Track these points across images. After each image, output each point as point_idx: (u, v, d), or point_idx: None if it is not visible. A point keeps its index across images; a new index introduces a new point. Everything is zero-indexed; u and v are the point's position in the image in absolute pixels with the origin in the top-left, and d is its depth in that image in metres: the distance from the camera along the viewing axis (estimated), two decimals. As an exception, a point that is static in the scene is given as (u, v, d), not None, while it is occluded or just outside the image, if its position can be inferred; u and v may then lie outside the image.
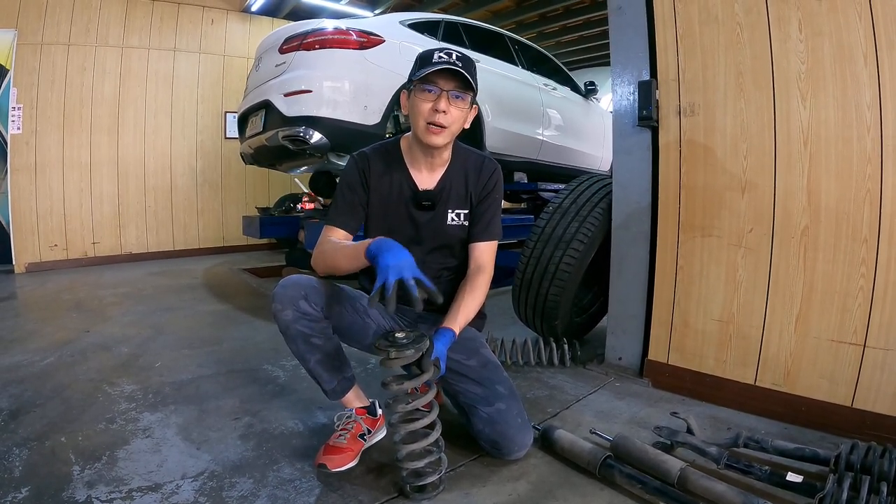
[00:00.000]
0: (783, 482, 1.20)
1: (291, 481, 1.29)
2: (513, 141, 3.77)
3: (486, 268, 1.45)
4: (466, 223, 1.47)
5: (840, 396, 1.52)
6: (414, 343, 1.14)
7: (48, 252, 4.70)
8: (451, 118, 1.33)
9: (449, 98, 1.32)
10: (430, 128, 1.33)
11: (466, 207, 1.47)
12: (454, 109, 1.33)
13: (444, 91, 1.31)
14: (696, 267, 1.80)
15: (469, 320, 1.36)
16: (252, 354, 2.29)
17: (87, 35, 4.79)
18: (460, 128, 1.38)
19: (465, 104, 1.35)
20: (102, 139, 4.97)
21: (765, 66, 1.61)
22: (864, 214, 1.46)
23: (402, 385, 1.17)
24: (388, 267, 1.11)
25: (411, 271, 1.12)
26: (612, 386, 1.93)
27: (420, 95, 1.33)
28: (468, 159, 1.49)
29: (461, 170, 1.47)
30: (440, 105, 1.31)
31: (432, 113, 1.31)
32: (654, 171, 1.90)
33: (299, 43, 2.99)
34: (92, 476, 1.29)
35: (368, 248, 1.18)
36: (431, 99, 1.32)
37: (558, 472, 1.33)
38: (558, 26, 6.87)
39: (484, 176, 1.47)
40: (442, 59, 1.29)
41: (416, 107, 1.34)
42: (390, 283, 1.08)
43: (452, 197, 1.46)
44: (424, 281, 1.12)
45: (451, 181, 1.46)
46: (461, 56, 1.32)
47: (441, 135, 1.34)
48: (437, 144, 1.36)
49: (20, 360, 2.16)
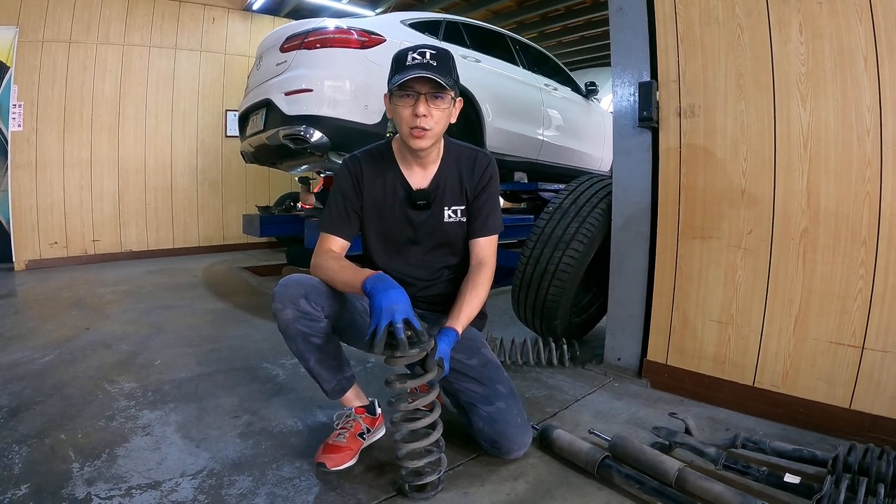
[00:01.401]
0: (781, 483, 1.20)
1: (290, 479, 1.29)
2: (513, 141, 3.77)
3: (487, 262, 1.44)
4: (464, 219, 1.46)
5: (838, 398, 1.52)
6: (419, 343, 1.14)
7: (48, 249, 4.71)
8: (433, 120, 1.31)
9: (428, 100, 1.29)
10: (413, 132, 1.31)
11: (463, 203, 1.46)
12: (435, 111, 1.31)
13: (422, 94, 1.29)
14: (695, 268, 1.80)
15: (472, 318, 1.36)
16: (252, 353, 2.29)
17: (89, 32, 4.80)
18: (445, 126, 1.37)
19: (446, 103, 1.32)
20: (103, 137, 4.97)
21: (765, 68, 1.61)
22: (863, 216, 1.46)
23: (406, 384, 1.18)
24: (380, 310, 1.12)
25: (403, 313, 1.12)
26: (611, 386, 1.93)
27: (399, 101, 1.31)
28: (461, 155, 1.47)
29: (454, 166, 1.46)
30: (419, 109, 1.29)
31: (413, 118, 1.30)
32: (654, 172, 1.90)
33: (300, 42, 3.00)
34: (91, 473, 1.29)
35: (365, 283, 1.19)
36: (410, 104, 1.30)
37: (557, 472, 1.33)
38: (559, 26, 6.87)
39: (478, 170, 1.46)
40: (415, 62, 1.27)
41: (397, 112, 1.33)
42: (381, 329, 1.10)
43: (447, 194, 1.45)
44: (414, 323, 1.13)
45: (444, 178, 1.45)
46: (435, 53, 1.29)
47: (425, 138, 1.32)
48: (422, 147, 1.35)
49: (20, 358, 2.17)
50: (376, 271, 1.24)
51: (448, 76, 1.29)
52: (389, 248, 1.47)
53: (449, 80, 1.29)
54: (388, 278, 1.20)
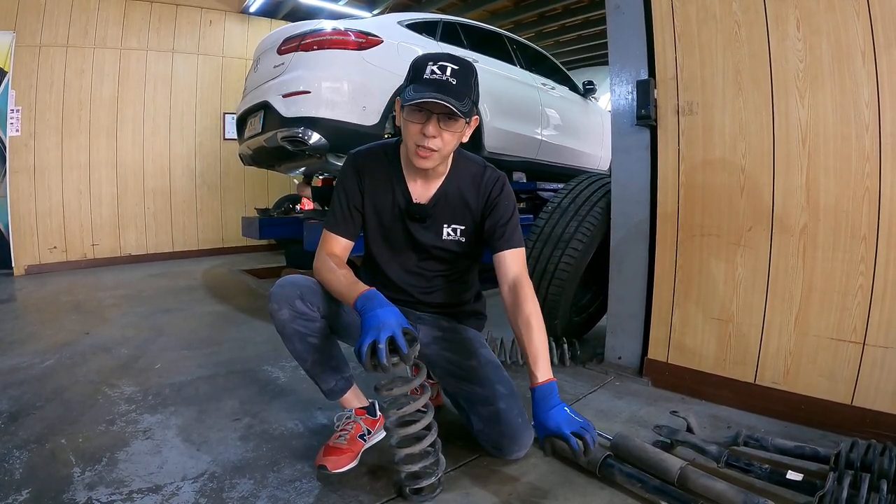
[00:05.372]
0: (783, 480, 1.20)
1: (292, 482, 1.29)
2: (511, 140, 3.77)
3: (522, 279, 1.33)
4: (463, 239, 1.41)
5: (840, 394, 1.52)
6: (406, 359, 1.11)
7: (47, 254, 4.70)
8: (442, 142, 1.22)
9: (440, 121, 1.20)
10: (419, 150, 1.23)
11: (464, 224, 1.40)
12: (446, 133, 1.22)
13: (435, 114, 1.20)
14: (695, 265, 1.80)
15: (547, 351, 1.27)
16: (252, 355, 2.29)
17: (86, 37, 4.79)
18: (455, 147, 1.29)
19: (459, 126, 1.23)
20: (101, 141, 4.97)
21: (763, 65, 1.61)
22: (862, 212, 1.46)
23: (393, 391, 1.18)
24: (367, 329, 1.10)
25: (389, 331, 1.09)
26: (612, 385, 1.93)
27: (409, 116, 1.22)
28: (468, 172, 1.39)
29: (459, 184, 1.38)
30: (429, 130, 1.20)
31: (421, 136, 1.21)
32: (653, 170, 1.90)
33: (298, 44, 2.99)
34: (92, 478, 1.29)
35: (357, 300, 1.17)
36: (420, 121, 1.21)
37: (558, 472, 1.33)
38: (557, 26, 6.87)
39: (484, 190, 1.38)
40: (434, 77, 1.18)
41: (405, 126, 1.24)
42: (364, 349, 1.08)
43: (447, 212, 1.38)
44: (399, 343, 1.09)
45: (446, 195, 1.38)
46: (457, 69, 1.19)
47: (430, 158, 1.24)
48: (425, 167, 1.27)
49: (20, 363, 2.16)
50: (369, 287, 1.21)
51: (466, 97, 1.20)
52: (389, 248, 1.46)
53: (466, 105, 1.20)
54: (378, 296, 1.17)
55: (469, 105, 1.21)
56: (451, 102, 1.16)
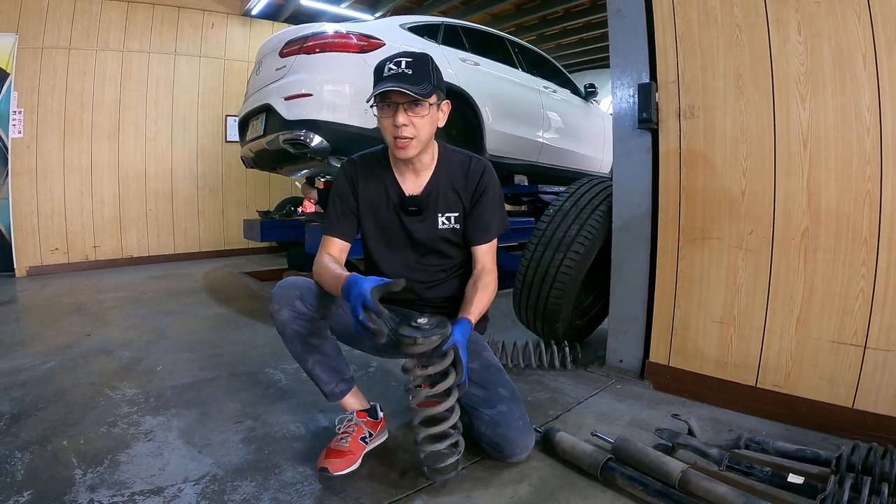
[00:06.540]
0: (785, 483, 1.20)
1: (293, 484, 1.29)
2: (513, 144, 3.77)
3: (490, 269, 1.44)
4: (458, 226, 1.46)
5: (841, 398, 1.52)
6: (438, 327, 1.16)
7: (49, 256, 4.71)
8: (416, 128, 1.32)
9: (406, 110, 1.30)
10: (397, 142, 1.33)
11: (457, 211, 1.46)
12: (416, 119, 1.31)
13: (400, 105, 1.29)
14: (696, 269, 1.80)
15: (482, 313, 1.37)
16: (253, 358, 2.29)
17: (88, 39, 4.81)
18: (432, 131, 1.37)
19: (425, 110, 1.32)
20: (103, 143, 4.99)
21: (764, 68, 1.61)
22: (864, 216, 1.46)
23: (426, 370, 1.20)
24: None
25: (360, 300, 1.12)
26: (613, 388, 1.93)
27: (381, 113, 1.34)
28: (455, 162, 1.47)
29: (448, 173, 1.46)
30: (398, 120, 1.30)
31: (395, 128, 1.31)
32: (655, 174, 1.90)
33: (300, 47, 3.00)
34: (94, 480, 1.29)
35: (342, 290, 1.21)
36: (390, 115, 1.31)
37: (560, 475, 1.33)
38: (558, 29, 6.88)
39: (472, 178, 1.45)
40: (391, 73, 1.28)
41: (380, 124, 1.35)
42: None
43: (441, 201, 1.44)
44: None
45: (438, 185, 1.45)
46: (411, 61, 1.30)
47: (409, 147, 1.33)
48: (408, 156, 1.36)
49: (21, 364, 2.17)
50: (350, 273, 1.24)
51: (425, 83, 1.29)
52: (388, 249, 1.48)
53: (425, 88, 1.29)
54: (356, 278, 1.19)
55: (429, 88, 1.30)
56: (408, 88, 1.26)
